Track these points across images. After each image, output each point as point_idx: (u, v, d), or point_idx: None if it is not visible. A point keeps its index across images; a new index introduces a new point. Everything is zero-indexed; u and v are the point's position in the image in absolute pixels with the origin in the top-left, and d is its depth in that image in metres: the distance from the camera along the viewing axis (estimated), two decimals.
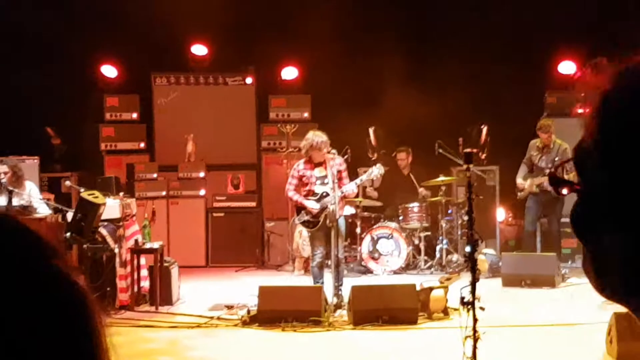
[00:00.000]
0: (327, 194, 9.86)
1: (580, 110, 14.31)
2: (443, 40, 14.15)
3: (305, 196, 10.09)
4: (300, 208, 10.17)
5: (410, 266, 13.18)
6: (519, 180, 12.67)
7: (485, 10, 14.05)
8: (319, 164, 10.03)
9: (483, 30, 14.07)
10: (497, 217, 14.02)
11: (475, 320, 5.78)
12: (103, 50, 14.80)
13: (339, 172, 10.05)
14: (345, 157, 11.86)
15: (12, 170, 10.31)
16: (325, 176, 9.90)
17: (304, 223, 10.23)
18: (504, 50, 13.88)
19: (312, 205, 10.00)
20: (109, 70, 15.46)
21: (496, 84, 13.64)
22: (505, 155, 13.55)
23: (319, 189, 10.03)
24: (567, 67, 14.82)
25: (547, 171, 12.32)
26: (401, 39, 13.91)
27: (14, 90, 13.33)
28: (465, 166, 6.44)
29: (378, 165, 10.38)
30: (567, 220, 10.44)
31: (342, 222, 10.11)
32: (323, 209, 9.93)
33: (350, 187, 10.18)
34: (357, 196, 12.26)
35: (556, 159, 12.37)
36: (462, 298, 5.86)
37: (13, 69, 13.38)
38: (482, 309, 5.84)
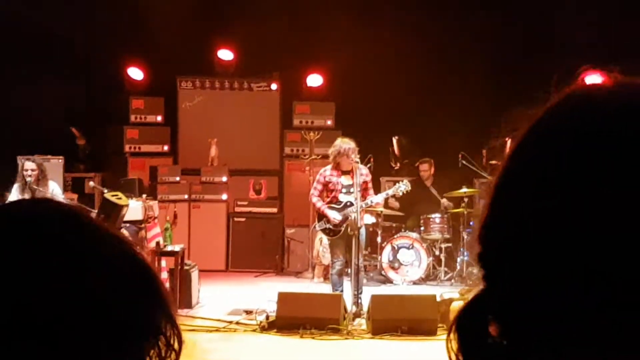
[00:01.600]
0: (351, 204, 9.85)
1: None
2: (469, 51, 14.11)
3: (329, 203, 10.07)
4: (321, 215, 10.15)
5: (430, 277, 13.14)
6: None
7: (515, 21, 14.00)
8: (346, 172, 10.01)
9: (512, 41, 14.02)
10: None
11: None
12: (130, 53, 14.88)
13: (365, 182, 10.04)
14: (368, 165, 11.85)
15: (40, 169, 10.39)
16: (352, 185, 9.88)
17: (324, 230, 10.21)
18: (529, 62, 13.82)
19: (335, 215, 9.98)
20: (135, 73, 15.54)
21: (521, 95, 13.57)
22: None
23: (343, 197, 10.01)
24: (591, 81, 14.73)
25: None
26: (427, 49, 13.89)
27: (41, 90, 13.41)
28: (490, 178, 6.41)
29: (405, 181, 10.35)
30: None
31: (363, 232, 10.08)
32: (346, 218, 9.92)
33: (377, 199, 10.18)
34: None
35: None
36: None
37: (41, 69, 13.46)
38: None
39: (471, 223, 13.57)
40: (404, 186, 10.18)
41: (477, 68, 13.96)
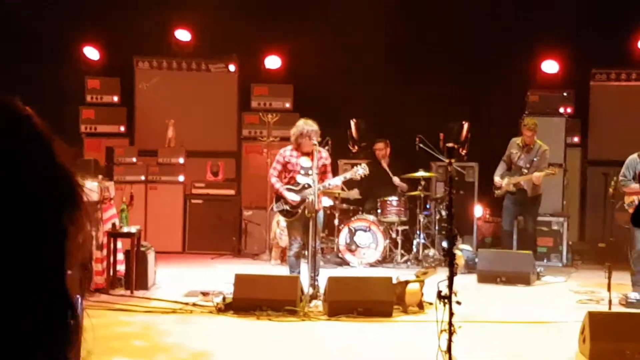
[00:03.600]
0: (309, 186, 9.85)
1: (561, 110, 14.41)
2: (427, 36, 14.17)
3: (287, 184, 10.06)
4: (279, 196, 10.14)
5: (386, 259, 13.22)
6: (497, 178, 12.62)
7: (469, 8, 14.07)
8: (306, 154, 10.00)
9: (467, 28, 14.10)
10: (475, 213, 14.08)
11: (451, 314, 5.81)
12: (86, 32, 14.72)
13: (324, 165, 10.04)
14: (326, 148, 11.86)
15: None
16: (311, 167, 9.87)
17: (282, 212, 10.21)
18: (488, 48, 13.93)
19: (292, 197, 9.98)
20: (91, 52, 15.39)
21: (478, 81, 13.69)
22: (485, 153, 13.60)
23: (301, 179, 10.00)
24: (549, 66, 14.89)
25: (525, 170, 12.35)
26: (385, 33, 13.93)
27: None
28: (447, 161, 6.44)
29: (363, 164, 10.32)
30: (543, 219, 10.48)
31: (320, 214, 10.10)
32: (303, 200, 9.92)
33: (335, 182, 10.18)
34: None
35: (535, 159, 12.38)
36: (439, 292, 5.88)
37: None
38: (458, 303, 5.87)
39: (427, 206, 13.67)
40: (362, 170, 10.18)
41: (435, 52, 14.03)
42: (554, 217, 13.79)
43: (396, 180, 13.54)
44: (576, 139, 14.79)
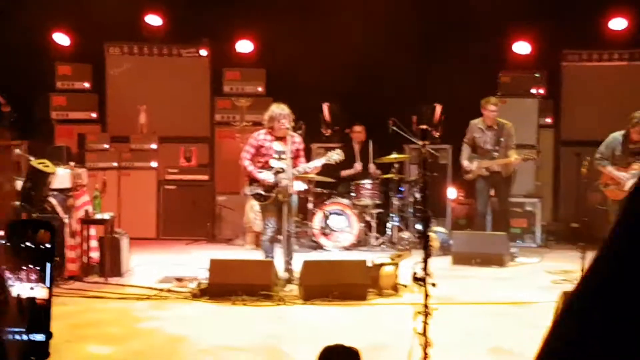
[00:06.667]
0: (283, 170, 9.83)
1: (533, 91, 14.46)
2: (399, 18, 14.14)
3: (261, 168, 10.01)
4: (253, 180, 10.08)
5: (361, 243, 13.24)
6: (465, 162, 12.52)
7: None
8: (280, 138, 9.97)
9: (439, 9, 14.11)
10: (449, 195, 14.12)
11: (427, 296, 5.82)
12: (56, 18, 14.57)
13: (297, 150, 10.02)
14: (299, 132, 11.82)
15: None
16: (284, 152, 9.85)
17: (255, 195, 10.14)
18: (459, 29, 13.93)
19: (266, 176, 9.92)
20: (61, 38, 15.25)
21: (450, 63, 13.69)
22: (458, 135, 13.60)
23: (275, 163, 9.96)
24: (521, 47, 14.93)
25: (495, 154, 12.34)
26: (356, 16, 13.90)
27: None
28: (420, 143, 6.43)
29: (338, 150, 10.27)
30: (516, 199, 10.50)
31: (294, 198, 10.09)
32: (276, 184, 9.90)
33: (309, 167, 10.12)
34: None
35: (502, 139, 12.35)
36: (415, 274, 5.88)
37: None
38: (434, 285, 5.88)
39: (401, 189, 13.69)
40: (336, 155, 10.14)
41: (406, 35, 14.01)
42: (527, 199, 13.86)
43: (371, 167, 13.55)
44: (548, 120, 14.86)
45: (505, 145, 12.31)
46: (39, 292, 1.30)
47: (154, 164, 14.70)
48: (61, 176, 10.41)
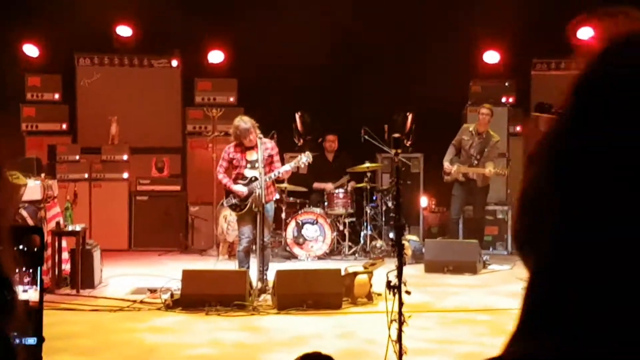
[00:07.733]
0: (256, 178, 9.85)
1: (504, 100, 14.56)
2: (370, 28, 14.20)
3: (235, 179, 10.06)
4: (229, 191, 10.13)
5: (334, 252, 13.26)
6: (446, 164, 12.67)
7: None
8: (251, 148, 9.99)
9: (410, 18, 14.17)
10: (421, 204, 14.17)
11: (401, 304, 5.84)
12: (25, 29, 14.48)
13: (271, 156, 10.04)
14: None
15: None
16: (257, 160, 9.86)
17: (231, 206, 10.18)
18: (430, 39, 14.00)
19: (239, 188, 9.97)
20: (30, 50, 15.15)
21: (421, 72, 13.75)
22: (429, 144, 13.69)
23: (248, 172, 9.99)
24: (491, 57, 15.04)
25: (475, 161, 12.45)
26: (330, 25, 13.91)
27: None
28: (393, 151, 6.46)
29: (307, 153, 10.32)
30: (488, 208, 10.58)
31: (270, 207, 10.10)
32: (251, 193, 9.91)
33: (279, 170, 10.12)
34: (282, 182, 12.28)
35: (486, 150, 12.47)
36: (389, 282, 5.90)
37: None
38: (408, 292, 5.90)
39: (374, 197, 13.73)
40: (305, 158, 10.20)
41: (378, 45, 14.07)
42: (499, 206, 13.94)
43: (345, 178, 13.62)
44: (519, 128, 14.96)
45: (487, 156, 12.44)
46: (32, 295, 1.30)
47: (125, 175, 14.63)
48: (32, 188, 10.35)
